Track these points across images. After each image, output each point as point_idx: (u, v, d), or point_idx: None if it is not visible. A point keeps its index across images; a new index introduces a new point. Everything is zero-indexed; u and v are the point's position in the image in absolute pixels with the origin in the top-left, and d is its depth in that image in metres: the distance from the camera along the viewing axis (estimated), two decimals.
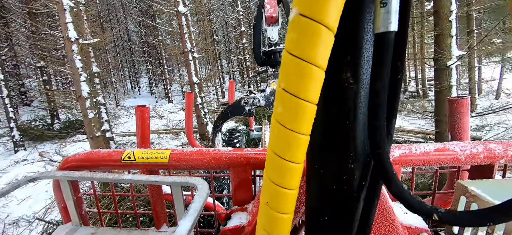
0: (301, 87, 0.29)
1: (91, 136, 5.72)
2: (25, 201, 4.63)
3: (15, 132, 8.05)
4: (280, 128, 0.31)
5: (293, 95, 0.29)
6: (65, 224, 0.99)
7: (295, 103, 0.29)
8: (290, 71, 0.29)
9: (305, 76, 0.28)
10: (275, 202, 0.35)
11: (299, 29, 0.27)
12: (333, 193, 0.40)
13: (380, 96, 0.32)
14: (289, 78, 0.29)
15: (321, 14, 0.26)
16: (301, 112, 0.29)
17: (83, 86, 5.72)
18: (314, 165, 0.42)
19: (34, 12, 9.63)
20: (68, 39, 5.63)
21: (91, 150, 1.03)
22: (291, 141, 0.31)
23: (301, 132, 0.30)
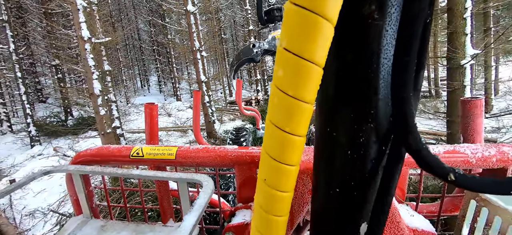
0: (306, 46, 0.24)
1: (103, 132, 5.88)
2: (40, 193, 4.83)
3: (32, 128, 8.39)
4: (280, 95, 0.27)
5: (298, 56, 0.25)
6: (77, 216, 1.03)
7: (299, 66, 0.25)
8: (294, 25, 0.24)
9: (312, 32, 0.24)
10: (274, 180, 0.32)
11: None
12: (348, 160, 0.34)
13: (414, 33, 0.27)
14: (293, 36, 0.25)
15: None
16: (306, 76, 0.26)
17: (95, 84, 5.88)
18: (326, 128, 0.35)
19: (50, 12, 9.97)
20: (82, 38, 5.81)
21: (102, 145, 1.06)
22: (293, 110, 0.27)
23: (305, 99, 0.27)
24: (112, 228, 0.97)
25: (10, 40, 8.40)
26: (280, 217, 0.35)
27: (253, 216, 0.37)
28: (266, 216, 0.35)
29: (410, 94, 0.29)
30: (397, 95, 0.30)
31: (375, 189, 0.35)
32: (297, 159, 0.31)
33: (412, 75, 0.30)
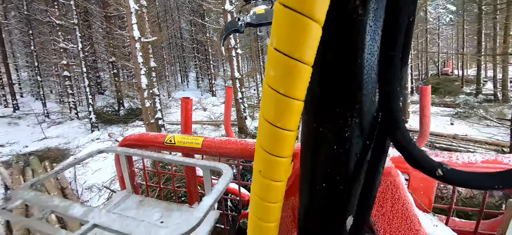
0: (296, 47, 0.25)
1: (147, 122, 6.56)
2: (97, 172, 5.64)
3: (92, 115, 9.79)
4: (272, 93, 0.29)
5: (287, 56, 0.26)
6: (121, 191, 1.21)
7: (289, 65, 0.26)
8: (283, 26, 0.25)
9: (301, 33, 0.25)
10: (268, 171, 0.34)
11: None
12: (334, 154, 0.35)
13: (398, 27, 0.28)
14: (282, 36, 0.26)
15: None
16: (295, 75, 0.27)
17: (143, 79, 6.57)
18: (312, 123, 0.36)
19: (109, 15, 11.41)
20: (133, 38, 6.53)
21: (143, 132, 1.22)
22: (284, 107, 0.29)
23: (295, 97, 0.28)
24: (148, 204, 1.12)
25: (79, 40, 9.89)
26: (275, 204, 0.37)
27: (250, 203, 0.39)
28: (262, 203, 0.37)
29: (397, 89, 0.29)
30: (384, 90, 0.30)
31: (360, 183, 0.36)
32: (289, 152, 0.33)
33: (398, 69, 0.29)
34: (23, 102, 14.22)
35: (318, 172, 0.38)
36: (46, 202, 0.74)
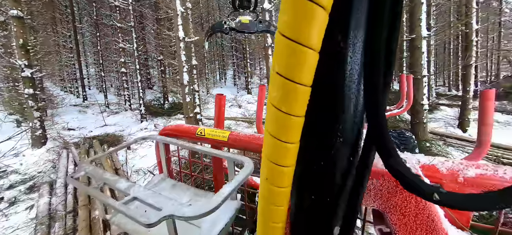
0: (295, 73, 0.28)
1: (186, 116, 7.09)
2: (143, 158, 6.36)
3: (142, 107, 11.01)
4: (274, 110, 0.32)
5: (289, 79, 0.29)
6: (159, 174, 1.38)
7: (289, 88, 0.29)
8: (283, 54, 0.28)
9: (299, 60, 0.28)
10: (273, 179, 0.37)
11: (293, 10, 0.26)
12: (321, 170, 0.38)
13: (376, 61, 0.31)
14: (282, 63, 0.29)
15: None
16: (295, 96, 0.30)
17: (185, 76, 7.12)
18: (301, 141, 0.38)
19: (159, 18, 12.62)
20: (178, 38, 7.12)
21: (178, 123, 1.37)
22: (285, 123, 0.32)
23: (295, 114, 0.31)
24: (180, 188, 1.25)
25: (134, 41, 11.20)
26: (283, 188, 0.38)
27: (260, 188, 0.41)
28: (272, 188, 0.38)
29: (383, 114, 0.32)
30: (371, 117, 0.33)
31: (346, 195, 0.39)
32: (296, 137, 0.34)
33: (385, 95, 0.32)
34: (90, 94, 16.79)
35: (307, 185, 0.41)
36: (100, 175, 0.90)
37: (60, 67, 17.04)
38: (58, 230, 3.62)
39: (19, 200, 4.67)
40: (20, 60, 6.82)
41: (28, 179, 5.37)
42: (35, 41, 9.56)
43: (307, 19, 0.26)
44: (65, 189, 4.44)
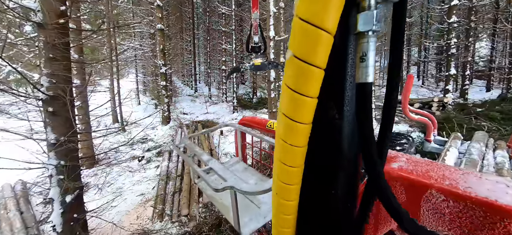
0: (309, 52, 0.32)
1: (270, 111, 7.52)
2: (232, 143, 7.33)
3: (235, 100, 12.62)
4: (288, 91, 0.35)
5: (301, 60, 0.32)
6: (235, 157, 1.61)
7: (302, 68, 0.32)
8: (298, 35, 0.32)
9: (313, 41, 0.31)
10: (285, 157, 0.40)
11: None
12: (320, 218, 0.45)
13: (366, 131, 0.38)
14: (296, 42, 0.32)
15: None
16: (309, 76, 0.33)
17: (272, 72, 7.55)
18: (304, 195, 0.44)
19: None
20: (268, 37, 7.61)
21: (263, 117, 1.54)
22: (298, 103, 0.34)
23: (308, 94, 0.34)
24: (249, 171, 1.42)
25: (233, 42, 12.88)
26: (295, 168, 0.40)
27: (274, 166, 0.44)
28: (282, 166, 0.41)
29: (380, 171, 0.37)
30: (369, 174, 0.38)
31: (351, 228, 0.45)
32: (308, 117, 0.37)
33: (382, 165, 0.38)
34: (199, 87, 20.83)
35: (309, 228, 0.48)
36: (192, 147, 1.18)
37: (182, 65, 22.09)
38: (171, 187, 4.83)
39: (151, 160, 6.56)
40: (159, 60, 9.41)
41: (158, 146, 7.42)
42: (169, 46, 12.85)
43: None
44: (177, 157, 5.84)
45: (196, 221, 3.99)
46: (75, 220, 3.43)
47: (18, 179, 5.11)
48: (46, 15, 3.08)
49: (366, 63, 0.35)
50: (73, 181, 3.34)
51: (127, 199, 4.85)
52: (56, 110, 3.17)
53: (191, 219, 4.07)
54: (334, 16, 0.31)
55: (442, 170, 0.69)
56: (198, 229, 3.59)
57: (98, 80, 9.40)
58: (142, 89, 16.13)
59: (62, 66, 3.24)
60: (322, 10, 0.30)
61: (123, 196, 4.95)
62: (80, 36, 5.03)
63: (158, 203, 4.39)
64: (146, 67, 14.70)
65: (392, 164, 0.70)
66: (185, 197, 4.43)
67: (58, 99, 3.16)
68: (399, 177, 0.64)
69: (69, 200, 3.31)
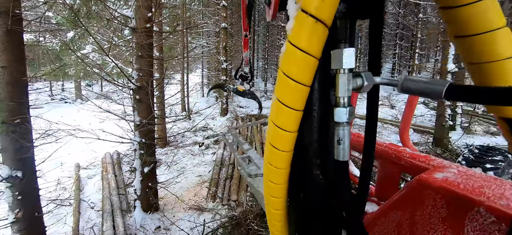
0: (305, 42, 0.33)
1: None
2: None
3: None
4: (290, 48, 0.36)
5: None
6: None
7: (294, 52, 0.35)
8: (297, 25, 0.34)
9: (310, 31, 0.33)
10: (275, 140, 0.41)
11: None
12: None
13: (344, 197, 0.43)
14: (296, 33, 0.34)
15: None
16: (301, 61, 0.35)
17: None
18: None
19: None
20: None
21: None
22: (287, 87, 0.37)
23: (300, 81, 0.36)
24: None
25: None
26: (284, 152, 0.42)
27: (265, 150, 0.46)
28: (272, 149, 0.43)
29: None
30: None
31: None
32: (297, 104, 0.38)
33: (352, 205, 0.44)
34: (256, 82, 21.60)
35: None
36: (237, 137, 1.31)
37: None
38: (224, 173, 5.29)
39: (210, 147, 7.30)
40: (222, 57, 10.25)
41: (216, 135, 8.18)
42: (231, 43, 13.79)
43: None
44: None
45: (243, 207, 4.27)
46: (150, 188, 4.22)
47: (114, 149, 6.61)
48: (137, 21, 3.84)
49: (343, 146, 0.40)
50: (150, 156, 4.10)
51: (188, 177, 5.60)
52: (141, 98, 3.94)
53: (238, 205, 4.39)
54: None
55: (503, 188, 0.57)
56: (244, 215, 3.85)
57: (172, 74, 11.00)
58: (206, 82, 17.94)
59: (146, 62, 4.00)
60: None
61: (185, 174, 5.73)
62: (161, 37, 6.01)
63: (212, 186, 4.90)
64: (210, 63, 16.26)
65: (436, 174, 0.62)
66: (235, 184, 4.79)
67: (143, 89, 3.92)
68: (441, 189, 0.57)
69: (146, 171, 4.09)
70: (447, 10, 0.30)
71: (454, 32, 0.32)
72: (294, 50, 0.33)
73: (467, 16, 0.29)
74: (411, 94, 0.36)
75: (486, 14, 0.28)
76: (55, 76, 10.42)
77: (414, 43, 16.36)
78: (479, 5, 0.28)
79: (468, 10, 0.29)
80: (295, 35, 0.33)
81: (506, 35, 0.29)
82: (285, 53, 0.35)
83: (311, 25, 0.32)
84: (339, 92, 0.38)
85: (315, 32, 0.32)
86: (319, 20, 0.32)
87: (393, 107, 11.72)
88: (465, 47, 0.31)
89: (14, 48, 2.59)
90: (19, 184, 2.64)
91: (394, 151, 0.83)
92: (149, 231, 3.94)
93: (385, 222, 0.73)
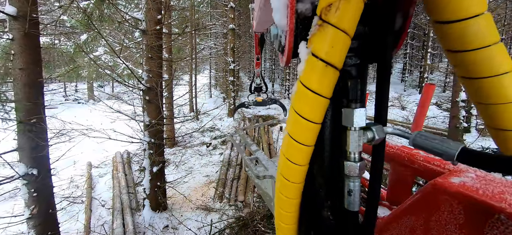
0: (317, 85, 0.34)
1: None
2: None
3: None
4: (301, 88, 0.36)
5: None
6: None
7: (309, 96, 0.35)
8: (309, 69, 0.34)
9: (322, 76, 0.33)
10: (290, 153, 0.39)
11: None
12: None
13: None
14: (309, 76, 0.34)
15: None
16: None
17: None
18: None
19: None
20: None
21: None
22: (309, 101, 0.36)
23: (321, 93, 0.35)
24: None
25: None
26: (299, 166, 0.40)
27: (279, 162, 0.44)
28: (287, 163, 0.40)
29: None
30: None
31: None
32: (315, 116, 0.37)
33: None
34: None
35: None
36: (245, 138, 1.30)
37: (249, 62, 23.37)
38: (231, 173, 5.31)
39: (217, 147, 7.34)
40: (229, 58, 10.30)
41: (223, 135, 8.22)
42: (238, 44, 13.85)
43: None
44: None
45: (250, 208, 4.26)
46: (158, 187, 4.28)
47: (125, 149, 6.75)
48: (147, 23, 3.91)
49: (353, 198, 0.41)
50: (159, 156, 4.17)
51: (196, 177, 5.65)
52: (150, 99, 4.01)
53: (245, 206, 4.38)
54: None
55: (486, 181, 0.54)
56: (251, 216, 3.84)
57: (181, 75, 11.15)
58: (214, 83, 18.08)
59: (156, 63, 4.07)
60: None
61: (193, 174, 5.78)
62: (170, 39, 6.11)
63: (219, 186, 4.92)
64: (218, 64, 16.37)
65: (453, 178, 0.59)
66: (242, 185, 4.79)
67: (152, 90, 3.99)
68: (458, 194, 0.54)
69: (155, 170, 4.16)
70: (454, 54, 0.31)
71: (462, 74, 0.32)
72: (306, 91, 0.34)
73: (474, 60, 0.30)
74: (422, 150, 0.36)
75: (492, 60, 0.29)
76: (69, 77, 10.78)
77: (426, 43, 15.91)
78: (486, 51, 0.29)
79: (474, 55, 0.29)
80: (307, 77, 0.34)
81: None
82: (297, 92, 0.36)
83: (322, 69, 0.33)
84: (350, 148, 0.39)
85: (325, 75, 0.33)
86: (329, 64, 0.32)
87: (404, 108, 11.44)
88: (473, 89, 0.32)
89: (31, 50, 2.69)
90: (34, 182, 2.73)
91: (407, 154, 0.80)
92: (158, 230, 4.00)
93: (398, 227, 0.71)
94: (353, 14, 0.31)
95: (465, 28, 0.29)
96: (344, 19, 0.31)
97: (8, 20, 2.60)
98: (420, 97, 2.06)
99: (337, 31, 0.31)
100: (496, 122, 0.31)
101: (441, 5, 0.29)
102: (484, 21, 0.28)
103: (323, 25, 0.32)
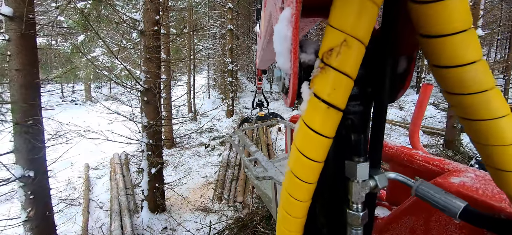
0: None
1: None
2: None
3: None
4: (304, 128, 0.35)
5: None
6: (285, 153, 1.66)
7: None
8: (312, 110, 0.33)
9: (325, 119, 0.33)
10: (291, 190, 0.38)
11: None
12: None
13: None
14: (311, 118, 0.33)
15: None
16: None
17: None
18: None
19: None
20: None
21: None
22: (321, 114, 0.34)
23: (324, 134, 0.34)
24: None
25: None
26: (307, 184, 0.38)
27: (285, 179, 0.41)
28: (295, 179, 0.38)
29: None
30: None
31: None
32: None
33: None
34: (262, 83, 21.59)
35: None
36: (244, 139, 1.30)
37: (247, 63, 23.39)
38: (230, 174, 5.29)
39: (215, 148, 7.32)
40: (228, 58, 10.30)
41: (221, 136, 8.21)
42: (237, 45, 13.85)
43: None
44: None
45: (249, 209, 4.25)
46: (157, 189, 4.26)
47: (122, 150, 6.71)
48: (145, 24, 3.90)
49: (357, 214, 0.40)
50: (157, 157, 4.15)
51: (194, 178, 5.63)
52: (149, 100, 4.00)
53: (244, 207, 4.37)
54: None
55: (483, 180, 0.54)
56: (250, 217, 3.83)
57: (179, 76, 11.12)
58: (212, 84, 18.06)
59: (154, 64, 4.05)
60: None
61: (191, 175, 5.76)
62: (168, 40, 6.09)
63: (218, 187, 4.90)
64: (216, 65, 16.35)
65: (452, 178, 0.60)
66: (241, 186, 4.78)
67: (150, 91, 3.97)
68: (457, 194, 0.55)
69: (153, 171, 4.13)
70: (452, 95, 0.31)
71: (461, 114, 0.33)
72: (308, 130, 0.34)
73: (471, 103, 0.30)
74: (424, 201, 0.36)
75: (490, 104, 0.30)
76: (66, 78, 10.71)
77: None
78: (483, 95, 0.29)
79: (471, 99, 0.30)
80: (309, 117, 0.34)
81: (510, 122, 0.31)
82: (299, 131, 0.35)
83: (324, 110, 0.32)
84: (352, 198, 0.39)
85: (328, 117, 0.33)
86: (332, 105, 0.32)
87: (402, 108, 11.50)
88: (472, 130, 0.32)
89: (28, 51, 2.67)
90: (31, 184, 2.71)
91: (406, 154, 0.80)
92: (156, 232, 3.97)
93: (397, 228, 0.71)
94: (354, 59, 0.31)
95: (462, 74, 0.29)
96: (346, 63, 0.31)
97: (4, 21, 2.58)
98: (418, 98, 2.07)
99: (339, 74, 0.31)
100: (495, 162, 0.32)
101: (438, 52, 0.29)
102: (481, 67, 0.28)
103: (325, 68, 0.32)
